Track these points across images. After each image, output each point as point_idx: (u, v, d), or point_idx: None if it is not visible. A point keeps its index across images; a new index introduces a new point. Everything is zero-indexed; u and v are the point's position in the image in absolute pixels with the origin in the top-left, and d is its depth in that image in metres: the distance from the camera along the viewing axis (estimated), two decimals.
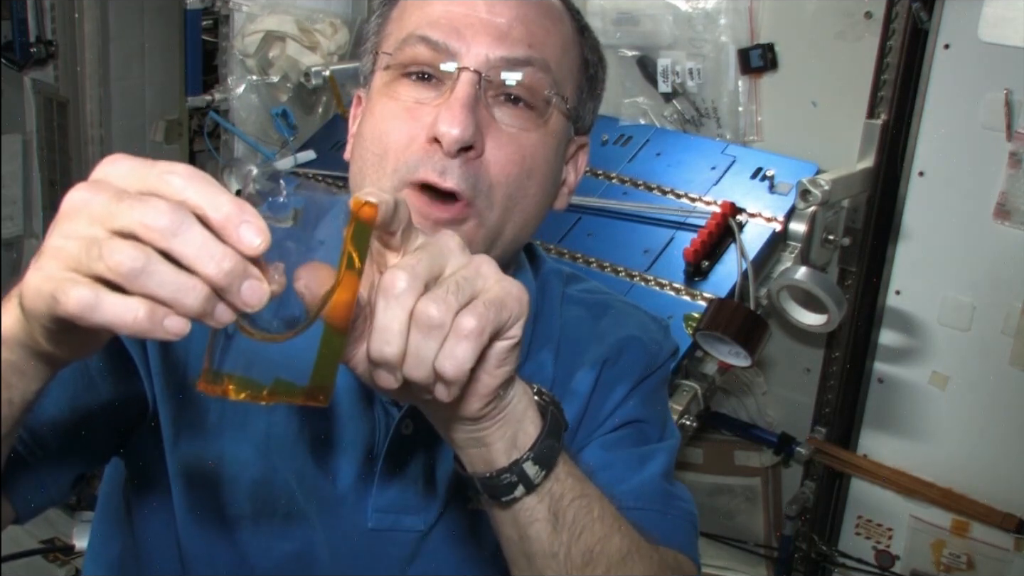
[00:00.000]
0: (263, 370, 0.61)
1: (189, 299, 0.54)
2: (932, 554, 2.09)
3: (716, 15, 2.09)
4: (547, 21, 0.90)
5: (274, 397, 0.62)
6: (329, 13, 2.54)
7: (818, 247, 1.87)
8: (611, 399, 1.04)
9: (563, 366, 1.03)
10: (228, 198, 0.55)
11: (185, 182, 0.55)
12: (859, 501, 2.19)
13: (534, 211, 0.92)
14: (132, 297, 0.54)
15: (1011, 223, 1.85)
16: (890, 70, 1.91)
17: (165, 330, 0.54)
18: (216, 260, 0.54)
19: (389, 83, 0.89)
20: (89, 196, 0.56)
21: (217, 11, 2.67)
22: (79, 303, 0.53)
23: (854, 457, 2.13)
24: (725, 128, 2.14)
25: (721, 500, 2.29)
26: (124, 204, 0.54)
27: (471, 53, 0.86)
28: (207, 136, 2.74)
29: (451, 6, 0.88)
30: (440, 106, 0.85)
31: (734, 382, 2.23)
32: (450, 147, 0.83)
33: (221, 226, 0.55)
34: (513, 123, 0.88)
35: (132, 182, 0.56)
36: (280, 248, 0.59)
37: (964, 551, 2.05)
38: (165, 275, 0.54)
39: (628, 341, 1.07)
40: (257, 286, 0.56)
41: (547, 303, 1.06)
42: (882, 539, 2.17)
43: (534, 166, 0.89)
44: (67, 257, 0.55)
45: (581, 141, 1.00)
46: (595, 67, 0.98)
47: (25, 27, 2.78)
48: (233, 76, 2.63)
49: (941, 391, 2.01)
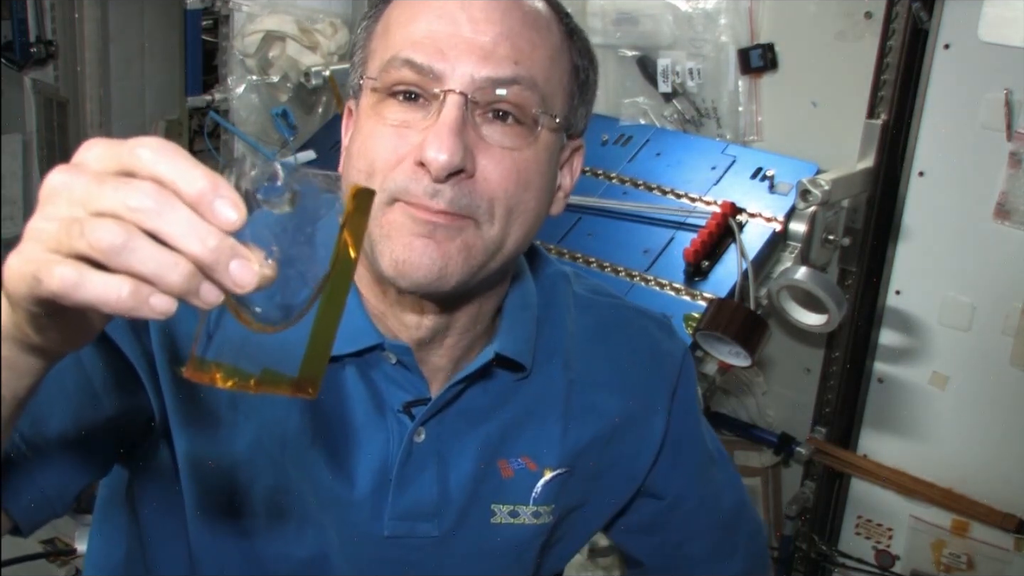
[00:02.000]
0: (251, 359, 0.60)
1: (173, 275, 0.53)
2: (932, 554, 2.09)
3: (716, 15, 2.09)
4: (533, 33, 0.88)
5: (262, 387, 0.61)
6: (329, 13, 2.55)
7: (818, 247, 1.87)
8: (652, 435, 1.09)
9: (576, 380, 1.04)
10: (202, 171, 0.54)
11: (156, 155, 0.54)
12: (859, 501, 2.19)
13: (533, 221, 0.91)
14: (116, 275, 0.53)
15: (1011, 223, 1.85)
16: (890, 70, 1.91)
17: (151, 308, 0.53)
18: (201, 237, 0.53)
19: (376, 104, 0.88)
20: (68, 179, 0.55)
21: (217, 11, 2.67)
22: (62, 281, 0.52)
23: (854, 457, 2.13)
24: (725, 128, 2.14)
25: None
26: (107, 186, 0.54)
27: (456, 74, 0.85)
28: (207, 136, 2.74)
29: (434, 24, 0.86)
30: (427, 129, 0.84)
31: (734, 382, 2.23)
32: (438, 173, 0.82)
33: (195, 201, 0.54)
34: (504, 141, 0.87)
35: (107, 162, 0.55)
36: (274, 234, 0.58)
37: (964, 551, 2.05)
38: (147, 251, 0.53)
39: (647, 371, 1.08)
40: (247, 266, 0.55)
41: (554, 309, 1.05)
42: (882, 539, 2.17)
43: (530, 179, 0.88)
44: (48, 238, 0.54)
45: (575, 144, 0.98)
46: (586, 71, 0.95)
47: (25, 27, 2.78)
48: (233, 76, 2.63)
49: (941, 391, 2.01)
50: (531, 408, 1.01)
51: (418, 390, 0.95)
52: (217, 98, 2.66)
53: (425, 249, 0.84)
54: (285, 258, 0.59)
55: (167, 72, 2.87)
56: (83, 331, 0.61)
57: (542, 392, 1.02)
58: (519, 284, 1.02)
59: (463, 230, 0.85)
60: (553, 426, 1.02)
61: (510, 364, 0.98)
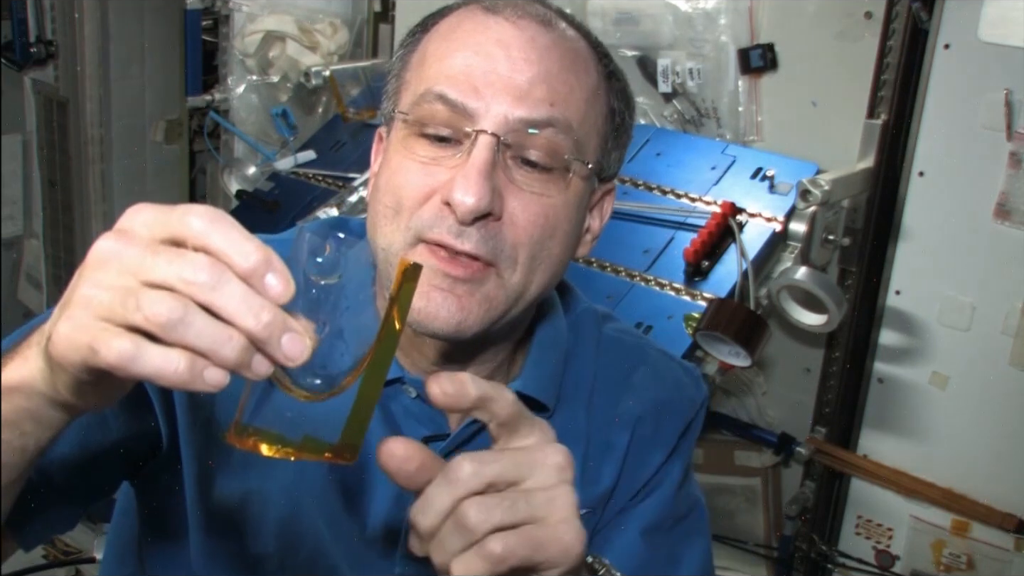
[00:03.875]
0: (293, 426, 0.61)
1: (227, 350, 0.53)
2: (932, 554, 2.09)
3: (716, 15, 2.09)
4: (571, 76, 0.86)
5: (302, 454, 0.62)
6: (329, 13, 2.55)
7: (818, 247, 1.87)
8: (648, 464, 1.04)
9: (597, 419, 1.02)
10: (255, 245, 0.55)
11: (208, 225, 0.55)
12: (859, 501, 2.19)
13: (557, 268, 0.89)
14: (173, 349, 0.53)
15: (1011, 223, 1.85)
16: (890, 70, 1.91)
17: (205, 382, 0.54)
18: (254, 312, 0.54)
19: (406, 138, 0.86)
20: (119, 247, 0.55)
21: (217, 11, 2.68)
22: (120, 354, 0.52)
23: (854, 457, 2.13)
24: (725, 128, 2.14)
25: (721, 500, 2.29)
26: (160, 257, 0.54)
27: (490, 114, 0.82)
28: (207, 136, 2.74)
29: (471, 60, 0.84)
30: (457, 168, 0.82)
31: (734, 382, 2.23)
32: (464, 216, 0.80)
33: (247, 275, 0.54)
34: (534, 186, 0.85)
35: (157, 230, 0.55)
36: (321, 304, 0.60)
37: (964, 551, 2.05)
38: (202, 326, 0.53)
39: (665, 406, 1.05)
40: (298, 339, 0.55)
41: (580, 347, 1.04)
42: (882, 539, 2.17)
43: (557, 226, 0.86)
44: (99, 306, 0.54)
45: (607, 188, 0.96)
46: (622, 115, 0.93)
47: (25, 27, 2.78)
48: (233, 76, 2.63)
49: (941, 391, 2.01)
50: None
51: (437, 425, 0.94)
52: (217, 98, 2.67)
53: (444, 302, 0.82)
54: (332, 328, 0.60)
55: (167, 72, 2.87)
56: (117, 394, 0.62)
57: (564, 431, 0.97)
58: (550, 320, 1.00)
59: (484, 283, 0.84)
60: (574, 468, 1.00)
61: (532, 403, 0.96)
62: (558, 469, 0.67)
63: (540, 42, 0.85)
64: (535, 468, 0.66)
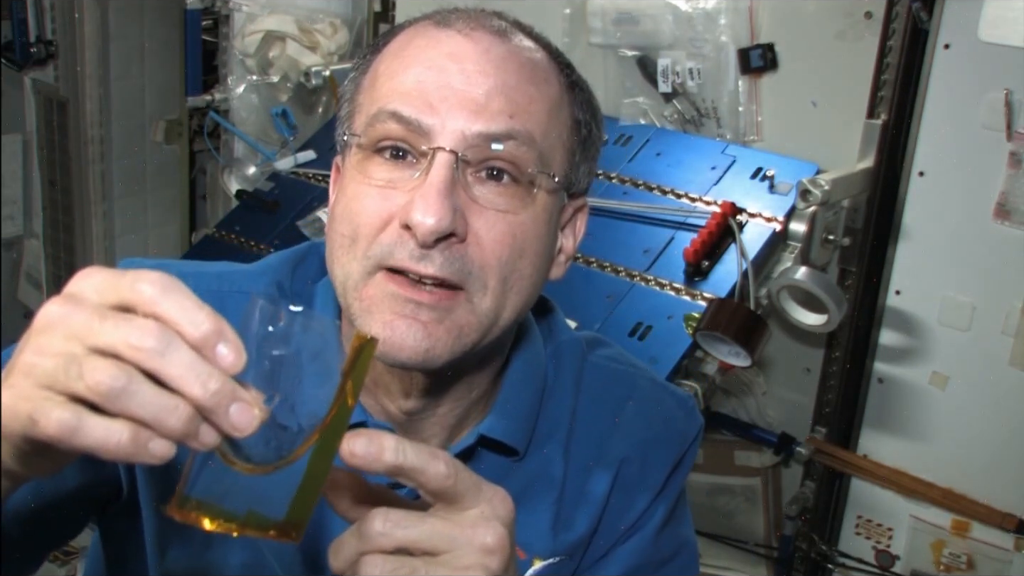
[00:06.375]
0: (237, 499, 0.59)
1: (172, 419, 0.52)
2: (932, 554, 2.09)
3: (716, 15, 2.09)
4: (530, 86, 0.82)
5: (246, 530, 0.59)
6: (329, 13, 2.55)
7: (818, 247, 1.87)
8: (633, 508, 0.99)
9: (576, 462, 0.96)
10: (206, 314, 0.53)
11: (158, 292, 0.53)
12: (859, 501, 2.19)
13: (530, 290, 0.84)
14: (115, 420, 0.51)
15: (1011, 223, 1.85)
16: (890, 70, 1.91)
17: (150, 453, 0.52)
18: (202, 380, 0.52)
19: (361, 161, 0.82)
20: (66, 311, 0.53)
21: (217, 11, 2.68)
22: (60, 426, 0.51)
23: (854, 457, 2.13)
24: (725, 128, 2.14)
25: (721, 500, 2.29)
26: (107, 322, 0.52)
27: (446, 130, 0.78)
28: (207, 136, 2.74)
29: (423, 76, 0.80)
30: (415, 190, 0.78)
31: (734, 382, 2.23)
32: (425, 238, 0.76)
33: (198, 343, 0.53)
34: (498, 203, 0.80)
35: (107, 295, 0.54)
36: (273, 375, 0.58)
37: (964, 551, 2.05)
38: (147, 395, 0.51)
39: (653, 444, 1.00)
40: (247, 409, 0.54)
41: (560, 381, 0.98)
42: (882, 539, 2.17)
43: (526, 244, 0.81)
44: (42, 374, 0.52)
45: (578, 204, 0.91)
46: (588, 126, 0.88)
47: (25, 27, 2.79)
48: (233, 76, 2.63)
49: (941, 391, 2.01)
50: (524, 491, 0.93)
51: None
52: (217, 98, 2.67)
53: (408, 330, 0.78)
54: (283, 400, 0.58)
55: (167, 72, 2.87)
56: (64, 462, 0.59)
57: (537, 474, 0.95)
58: (525, 350, 0.95)
59: (452, 310, 0.79)
60: (544, 513, 0.95)
61: (499, 446, 0.92)
62: (483, 551, 0.64)
63: (495, 53, 0.81)
64: (456, 544, 0.64)
